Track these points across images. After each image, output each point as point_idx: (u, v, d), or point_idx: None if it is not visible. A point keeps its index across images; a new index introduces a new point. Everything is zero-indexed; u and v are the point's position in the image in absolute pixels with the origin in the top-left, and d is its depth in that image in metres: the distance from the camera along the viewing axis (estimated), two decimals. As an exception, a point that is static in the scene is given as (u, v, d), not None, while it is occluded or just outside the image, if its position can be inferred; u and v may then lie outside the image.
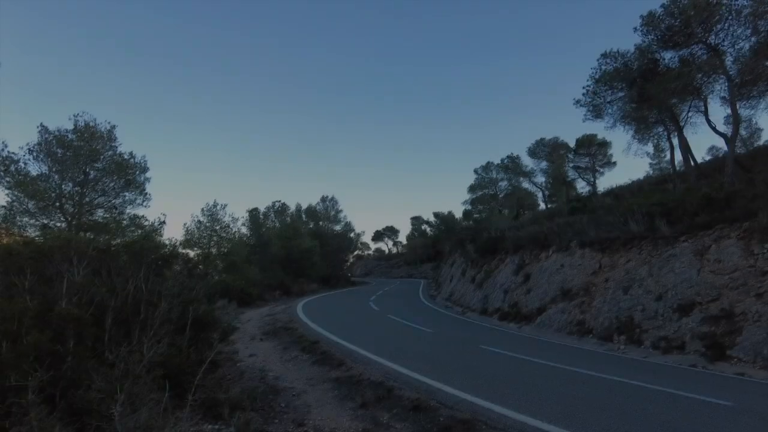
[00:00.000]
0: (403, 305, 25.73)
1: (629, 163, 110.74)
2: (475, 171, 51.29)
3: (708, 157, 33.31)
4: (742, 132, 28.61)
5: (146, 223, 19.17)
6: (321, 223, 53.99)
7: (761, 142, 30.83)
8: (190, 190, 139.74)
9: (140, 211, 22.23)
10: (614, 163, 41.19)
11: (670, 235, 14.49)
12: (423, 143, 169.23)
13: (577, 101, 21.68)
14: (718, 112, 46.61)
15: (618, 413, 5.99)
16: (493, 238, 27.01)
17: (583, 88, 21.42)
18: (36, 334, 5.09)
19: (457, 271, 33.44)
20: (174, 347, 6.50)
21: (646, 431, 5.33)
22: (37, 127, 18.08)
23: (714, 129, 20.77)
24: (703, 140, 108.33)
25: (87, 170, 18.77)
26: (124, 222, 19.37)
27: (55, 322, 5.64)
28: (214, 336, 8.06)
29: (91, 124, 18.84)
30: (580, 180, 43.01)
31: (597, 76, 20.43)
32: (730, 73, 17.47)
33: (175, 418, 3.99)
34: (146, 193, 20.24)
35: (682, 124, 20.60)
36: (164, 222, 18.97)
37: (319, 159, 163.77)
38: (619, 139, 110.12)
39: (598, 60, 20.23)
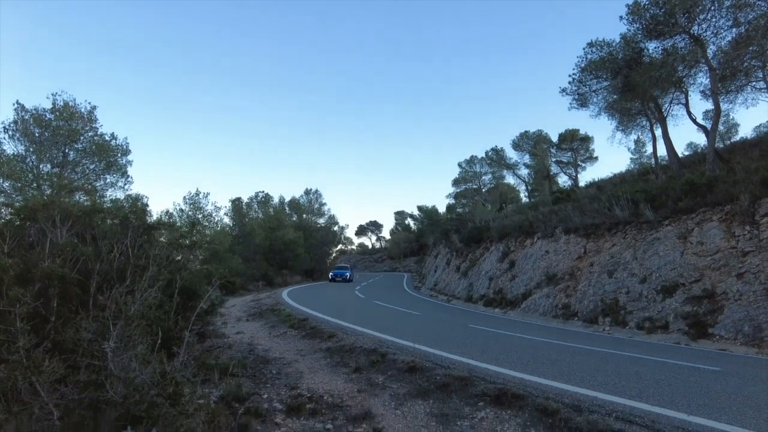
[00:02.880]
0: (388, 294, 25.68)
1: (611, 159, 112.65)
2: (459, 165, 51.59)
3: (687, 153, 33.99)
4: (720, 127, 29.24)
5: (128, 205, 18.67)
6: (304, 216, 53.53)
7: (738, 137, 31.63)
8: (171, 178, 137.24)
9: (121, 195, 21.62)
10: (596, 158, 41.84)
11: (654, 219, 14.72)
12: (407, 137, 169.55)
13: (563, 90, 21.90)
14: (698, 106, 47.74)
15: (613, 374, 6.03)
16: (478, 227, 27.15)
17: (569, 76, 21.67)
18: (18, 291, 4.87)
19: (442, 261, 33.55)
20: (162, 310, 6.30)
21: (643, 386, 5.36)
22: (13, 104, 17.48)
23: (694, 121, 21.22)
24: (683, 136, 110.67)
25: (66, 151, 18.21)
26: (106, 205, 18.82)
27: (38, 280, 5.40)
28: (202, 306, 7.88)
29: (70, 103, 18.28)
30: (562, 175, 43.58)
31: (583, 65, 20.64)
32: (712, 62, 17.81)
33: (174, 357, 3.86)
34: (128, 176, 19.76)
35: (664, 114, 20.96)
36: (147, 204, 18.51)
37: (302, 152, 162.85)
38: (602, 131, 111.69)
39: (584, 49, 20.47)
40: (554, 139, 42.25)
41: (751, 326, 10.48)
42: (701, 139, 35.09)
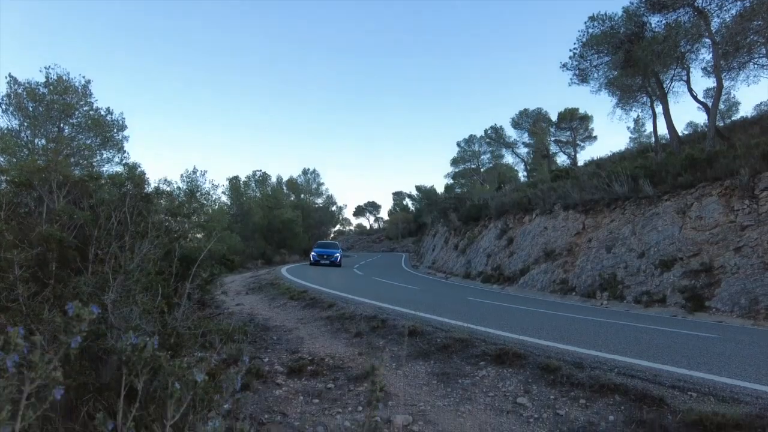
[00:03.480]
0: (387, 271, 25.74)
1: (609, 139, 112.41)
2: (458, 144, 51.31)
3: (687, 131, 33.81)
4: (721, 105, 29.01)
5: (125, 173, 18.56)
6: (302, 196, 53.37)
7: (738, 116, 31.45)
8: (166, 155, 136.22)
9: (119, 170, 21.44)
10: (595, 137, 41.69)
11: (653, 195, 14.71)
12: (406, 117, 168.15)
13: (564, 64, 21.60)
14: (699, 85, 47.35)
15: (613, 338, 6.07)
16: (477, 205, 27.15)
17: (570, 51, 21.34)
18: (15, 253, 4.81)
19: (440, 240, 33.63)
20: (161, 276, 6.28)
21: (643, 348, 5.39)
22: (6, 77, 17.20)
23: (695, 98, 21.06)
24: (682, 115, 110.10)
25: (61, 126, 17.97)
26: (102, 181, 18.68)
27: (36, 244, 5.35)
28: (202, 275, 7.87)
29: (64, 77, 17.98)
30: (560, 154, 43.45)
31: (584, 40, 20.32)
32: (716, 36, 17.57)
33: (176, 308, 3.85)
34: (124, 152, 19.57)
35: (665, 90, 20.76)
36: (144, 173, 18.39)
37: (300, 132, 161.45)
38: (601, 111, 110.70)
39: (585, 23, 20.15)
40: (553, 118, 42.01)
41: (747, 299, 10.57)
42: (701, 119, 35.00)
